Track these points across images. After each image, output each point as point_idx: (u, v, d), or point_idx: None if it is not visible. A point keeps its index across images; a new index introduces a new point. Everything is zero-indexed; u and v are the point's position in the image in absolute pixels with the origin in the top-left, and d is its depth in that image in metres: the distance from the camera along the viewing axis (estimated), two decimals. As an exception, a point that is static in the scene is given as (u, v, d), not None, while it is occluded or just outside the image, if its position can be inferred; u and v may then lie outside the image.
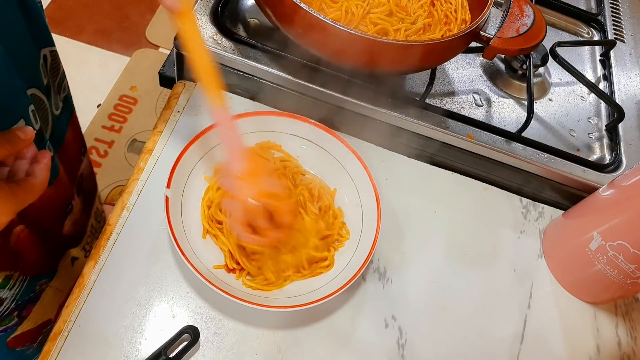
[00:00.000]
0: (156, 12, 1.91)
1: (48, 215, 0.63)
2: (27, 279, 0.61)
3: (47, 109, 0.55)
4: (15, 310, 0.62)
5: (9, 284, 0.58)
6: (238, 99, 0.64)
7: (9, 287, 0.58)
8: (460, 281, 0.58)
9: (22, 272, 0.59)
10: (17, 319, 0.63)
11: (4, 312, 0.59)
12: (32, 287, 0.63)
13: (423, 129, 0.62)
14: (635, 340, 0.59)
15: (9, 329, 0.63)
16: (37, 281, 0.64)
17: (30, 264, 0.61)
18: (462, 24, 0.62)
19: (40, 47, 0.52)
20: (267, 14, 0.57)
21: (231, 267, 0.51)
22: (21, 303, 0.62)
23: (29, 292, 0.62)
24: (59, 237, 0.68)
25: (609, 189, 0.56)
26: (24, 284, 0.61)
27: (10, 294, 0.59)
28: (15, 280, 0.59)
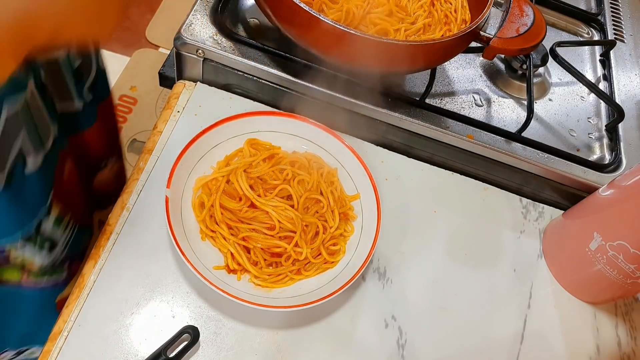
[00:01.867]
0: (156, 12, 1.90)
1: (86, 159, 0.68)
2: (76, 227, 0.64)
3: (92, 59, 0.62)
4: (66, 261, 0.65)
5: (62, 224, 0.61)
6: (238, 99, 0.64)
7: (62, 228, 0.61)
8: (460, 281, 0.58)
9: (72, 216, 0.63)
10: (66, 273, 0.66)
11: (57, 257, 0.62)
12: (79, 242, 0.67)
13: (423, 129, 0.62)
14: (635, 340, 0.59)
15: (59, 284, 0.66)
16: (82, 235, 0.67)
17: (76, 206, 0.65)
18: (462, 24, 0.62)
19: None
20: (267, 14, 0.57)
21: (232, 268, 0.51)
22: (70, 255, 0.65)
23: (76, 245, 0.66)
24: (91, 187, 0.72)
25: (609, 189, 0.56)
26: (73, 232, 0.64)
27: (62, 238, 0.62)
28: (67, 223, 0.62)
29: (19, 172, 0.53)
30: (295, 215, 0.53)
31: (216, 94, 0.64)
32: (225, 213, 0.53)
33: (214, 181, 0.55)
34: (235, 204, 0.53)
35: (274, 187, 0.54)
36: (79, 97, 0.58)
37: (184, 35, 0.60)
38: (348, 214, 0.56)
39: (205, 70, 0.63)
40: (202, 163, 0.56)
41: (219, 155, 0.57)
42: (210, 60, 0.61)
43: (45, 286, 0.64)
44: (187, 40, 0.60)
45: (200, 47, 0.60)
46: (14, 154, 0.51)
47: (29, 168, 0.53)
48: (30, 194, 0.56)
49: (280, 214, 0.53)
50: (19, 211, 0.55)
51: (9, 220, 0.55)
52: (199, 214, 0.53)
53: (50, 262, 0.62)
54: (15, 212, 0.55)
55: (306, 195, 0.54)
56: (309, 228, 0.53)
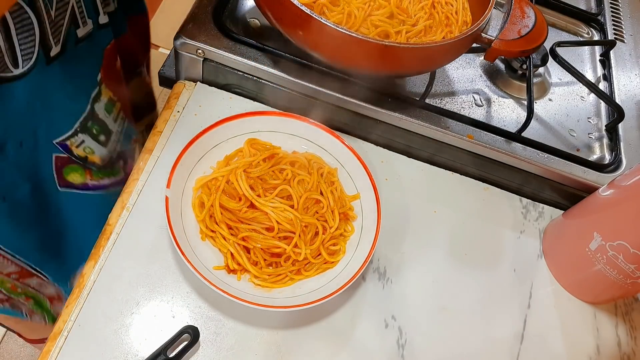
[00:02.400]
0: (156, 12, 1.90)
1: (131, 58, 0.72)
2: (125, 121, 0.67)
3: None
4: (120, 159, 0.67)
5: (112, 111, 0.63)
6: (238, 99, 0.64)
7: (113, 117, 0.64)
8: (460, 281, 0.58)
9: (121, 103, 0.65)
10: (123, 173, 0.68)
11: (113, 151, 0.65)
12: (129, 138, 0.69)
13: (423, 129, 0.62)
14: (635, 340, 0.59)
15: (117, 184, 0.68)
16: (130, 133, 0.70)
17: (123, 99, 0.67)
18: (463, 26, 0.62)
19: None
20: (267, 16, 0.57)
21: (232, 268, 0.51)
22: (122, 152, 0.68)
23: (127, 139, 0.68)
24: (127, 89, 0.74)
25: (609, 189, 0.56)
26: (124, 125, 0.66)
27: (115, 128, 0.65)
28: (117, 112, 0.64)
29: (72, 42, 0.56)
30: (294, 216, 0.53)
31: (216, 94, 0.64)
32: (225, 213, 0.53)
33: (213, 181, 0.55)
34: (235, 204, 0.53)
35: (274, 187, 0.54)
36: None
37: (184, 35, 0.60)
38: (348, 214, 0.56)
39: (205, 70, 0.63)
40: (202, 163, 0.56)
41: (219, 155, 0.57)
42: (210, 60, 0.61)
43: (108, 184, 0.67)
44: (187, 40, 0.60)
45: (200, 47, 0.60)
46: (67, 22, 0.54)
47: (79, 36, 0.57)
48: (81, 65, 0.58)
49: (279, 215, 0.53)
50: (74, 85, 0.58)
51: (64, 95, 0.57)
52: (199, 214, 0.53)
53: (108, 156, 0.64)
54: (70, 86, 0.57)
55: (306, 196, 0.54)
56: (309, 229, 0.53)
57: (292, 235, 0.52)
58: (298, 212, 0.53)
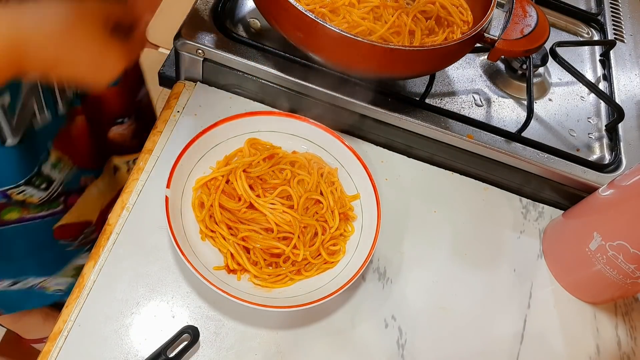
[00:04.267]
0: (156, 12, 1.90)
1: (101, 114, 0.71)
2: (75, 168, 0.67)
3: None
4: (62, 195, 0.67)
5: (60, 165, 0.63)
6: (238, 99, 0.64)
7: (59, 169, 0.64)
8: (460, 281, 0.58)
9: (72, 159, 0.65)
10: (62, 206, 0.68)
11: (52, 193, 0.65)
12: (78, 178, 0.69)
13: (423, 129, 0.62)
14: (635, 340, 0.59)
15: (56, 214, 0.68)
16: (83, 173, 0.70)
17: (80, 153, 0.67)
18: (464, 26, 0.62)
19: None
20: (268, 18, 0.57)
21: (232, 268, 0.51)
22: (67, 190, 0.67)
23: (75, 181, 0.68)
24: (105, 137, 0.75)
25: (609, 189, 0.56)
26: (71, 171, 0.66)
27: (59, 177, 0.65)
28: (65, 164, 0.65)
29: (31, 129, 0.57)
30: (293, 217, 0.53)
31: (216, 94, 0.64)
32: (224, 213, 0.53)
33: (213, 181, 0.55)
34: (234, 204, 0.53)
35: (273, 187, 0.54)
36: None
37: (184, 35, 0.60)
38: (348, 214, 0.56)
39: (205, 70, 0.63)
40: (202, 163, 0.56)
41: (219, 155, 0.57)
42: (210, 60, 0.61)
43: (45, 215, 0.67)
44: (187, 40, 0.60)
45: (200, 47, 0.60)
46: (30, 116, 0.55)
47: (38, 124, 0.57)
48: (37, 146, 0.59)
49: (278, 217, 0.53)
50: (27, 162, 0.59)
51: (18, 169, 0.59)
52: (199, 214, 0.53)
53: (47, 197, 0.65)
54: (24, 163, 0.59)
55: (306, 196, 0.54)
56: (308, 229, 0.53)
57: (291, 236, 0.52)
58: (298, 212, 0.53)
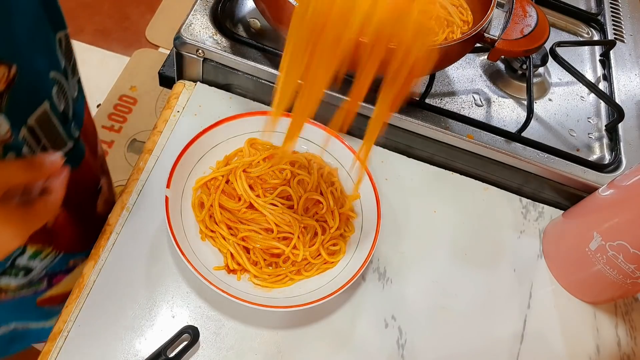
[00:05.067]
0: (156, 12, 1.90)
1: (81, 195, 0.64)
2: (61, 254, 0.62)
3: (67, 91, 0.55)
4: (45, 277, 0.63)
5: (39, 256, 0.59)
6: (238, 99, 0.64)
7: (39, 259, 0.59)
8: (460, 281, 0.58)
9: (55, 248, 0.60)
10: (46, 285, 0.65)
11: (33, 278, 0.61)
12: (66, 262, 0.64)
13: (423, 129, 0.62)
14: (635, 340, 0.59)
15: (38, 292, 0.64)
16: (72, 257, 0.65)
17: (65, 241, 0.62)
18: (464, 26, 0.62)
19: (57, 30, 0.52)
20: (267, 17, 0.57)
21: (232, 268, 0.51)
22: (52, 273, 0.63)
23: (61, 265, 0.64)
24: (94, 216, 0.69)
25: (609, 189, 0.56)
26: (56, 258, 0.62)
27: (40, 265, 0.60)
28: (47, 254, 0.60)
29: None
30: (293, 218, 0.53)
31: (216, 94, 0.64)
32: (224, 213, 0.53)
33: (213, 180, 0.55)
34: (234, 204, 0.53)
35: (273, 187, 0.54)
36: (69, 137, 0.55)
37: (184, 35, 0.60)
38: (348, 214, 0.56)
39: (205, 70, 0.63)
40: (202, 163, 0.56)
41: (219, 155, 0.57)
42: (210, 60, 0.61)
43: (25, 294, 0.63)
44: (187, 40, 0.60)
45: (200, 47, 0.60)
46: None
47: None
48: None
49: (277, 217, 0.53)
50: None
51: None
52: (199, 214, 0.53)
53: (27, 282, 0.61)
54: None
55: (306, 196, 0.54)
56: (307, 230, 0.53)
57: (291, 236, 0.52)
58: (298, 213, 0.53)
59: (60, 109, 0.51)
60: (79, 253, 0.66)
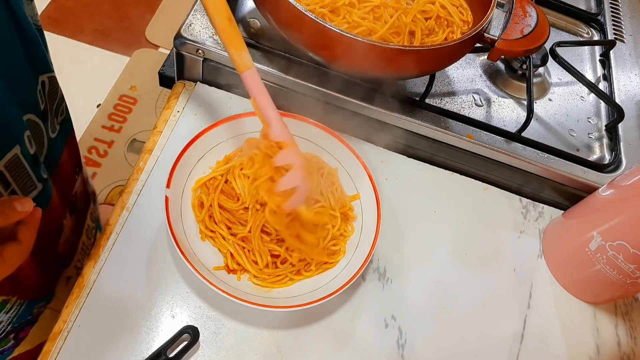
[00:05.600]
0: (156, 12, 1.90)
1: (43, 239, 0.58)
2: (24, 302, 0.60)
3: (43, 133, 0.53)
4: (12, 332, 0.61)
5: (5, 307, 0.57)
6: (238, 99, 0.64)
7: (5, 311, 0.57)
8: (460, 281, 0.58)
9: (20, 297, 0.59)
10: (13, 341, 0.63)
11: (0, 334, 0.59)
12: (30, 310, 0.63)
13: (423, 129, 0.62)
14: (635, 340, 0.59)
15: (5, 351, 0.62)
16: (35, 304, 0.63)
17: (29, 288, 0.60)
18: (464, 26, 0.62)
19: (39, 74, 0.51)
20: (268, 18, 0.57)
21: (232, 268, 0.51)
22: (18, 325, 0.61)
23: (26, 315, 0.62)
24: (54, 258, 0.66)
25: (609, 189, 0.56)
26: (21, 308, 0.60)
27: (6, 317, 0.58)
28: (12, 304, 0.58)
29: None
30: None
31: (216, 94, 0.64)
32: (223, 213, 0.53)
33: (212, 180, 0.55)
34: (232, 204, 0.53)
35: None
36: (39, 180, 0.52)
37: (184, 35, 0.60)
38: (348, 214, 0.56)
39: (205, 70, 0.63)
40: (202, 163, 0.56)
41: (219, 155, 0.57)
42: (210, 60, 0.61)
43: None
44: (187, 40, 0.60)
45: (200, 47, 0.60)
46: None
47: None
48: None
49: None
50: None
51: None
52: (199, 214, 0.53)
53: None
54: None
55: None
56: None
57: None
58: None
59: (31, 151, 0.49)
60: (42, 299, 0.64)
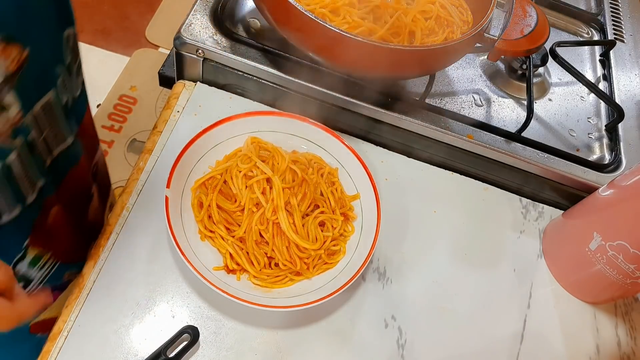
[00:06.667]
0: (156, 12, 1.91)
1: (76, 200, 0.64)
2: (57, 264, 0.62)
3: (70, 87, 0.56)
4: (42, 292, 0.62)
5: (39, 263, 0.59)
6: (238, 99, 0.64)
7: (39, 267, 0.59)
8: (460, 281, 0.58)
9: (53, 255, 0.60)
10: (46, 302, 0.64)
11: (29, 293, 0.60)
12: (61, 274, 0.64)
13: (423, 129, 0.62)
14: (635, 340, 0.59)
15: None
16: (66, 269, 0.65)
17: (62, 247, 0.62)
18: (464, 26, 0.62)
19: (65, 27, 0.53)
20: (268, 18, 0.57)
21: (231, 268, 0.51)
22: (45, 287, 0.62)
23: (57, 278, 0.63)
24: (85, 222, 0.68)
25: (609, 189, 0.56)
26: (53, 268, 0.61)
27: (39, 275, 0.60)
28: (46, 261, 0.60)
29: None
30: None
31: (216, 94, 0.64)
32: (221, 213, 0.53)
33: (211, 180, 0.55)
34: (230, 204, 0.53)
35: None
36: (69, 132, 0.55)
37: (184, 35, 0.60)
38: (348, 214, 0.56)
39: (205, 70, 0.63)
40: (202, 163, 0.56)
41: (219, 155, 0.57)
42: (210, 60, 0.61)
43: None
44: (187, 40, 0.60)
45: (200, 47, 0.60)
46: None
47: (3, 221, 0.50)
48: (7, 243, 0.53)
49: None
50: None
51: None
52: (198, 214, 0.53)
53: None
54: None
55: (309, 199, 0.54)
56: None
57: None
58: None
59: (63, 101, 0.52)
60: (73, 265, 0.66)
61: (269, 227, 0.51)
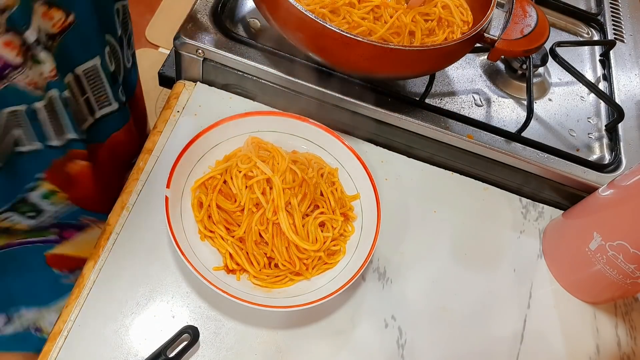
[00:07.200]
0: (156, 12, 1.90)
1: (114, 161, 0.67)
2: (73, 205, 0.63)
3: (120, 58, 0.59)
4: (56, 227, 0.63)
5: (52, 197, 0.60)
6: (238, 99, 0.64)
7: (51, 202, 0.60)
8: (460, 281, 0.58)
9: (70, 196, 0.62)
10: (56, 236, 0.65)
11: (42, 222, 0.62)
12: (76, 216, 0.65)
13: (423, 129, 0.62)
14: (635, 340, 0.59)
15: (48, 242, 0.64)
16: (82, 214, 0.66)
17: (81, 193, 0.63)
18: (464, 26, 0.62)
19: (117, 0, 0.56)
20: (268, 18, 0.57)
21: (231, 268, 0.51)
22: (64, 224, 0.64)
23: (71, 217, 0.64)
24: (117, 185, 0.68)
25: (609, 189, 0.56)
26: (67, 208, 0.63)
27: (51, 209, 0.61)
28: (60, 199, 0.61)
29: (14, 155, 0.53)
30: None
31: (216, 94, 0.64)
32: (221, 213, 0.53)
33: (211, 180, 0.55)
34: (230, 205, 0.53)
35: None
36: (115, 99, 0.58)
37: (184, 35, 0.60)
38: (348, 215, 0.56)
39: (205, 70, 0.63)
40: (201, 163, 0.56)
41: (218, 155, 0.57)
42: (210, 60, 0.61)
43: (34, 241, 0.63)
44: (187, 40, 0.60)
45: (200, 47, 0.60)
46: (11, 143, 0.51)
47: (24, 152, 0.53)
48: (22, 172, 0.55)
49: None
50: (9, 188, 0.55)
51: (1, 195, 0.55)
52: (198, 214, 0.53)
53: (36, 225, 0.61)
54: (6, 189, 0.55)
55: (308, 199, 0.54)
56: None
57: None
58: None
59: (111, 69, 0.54)
60: (93, 213, 0.66)
61: (269, 228, 0.51)
